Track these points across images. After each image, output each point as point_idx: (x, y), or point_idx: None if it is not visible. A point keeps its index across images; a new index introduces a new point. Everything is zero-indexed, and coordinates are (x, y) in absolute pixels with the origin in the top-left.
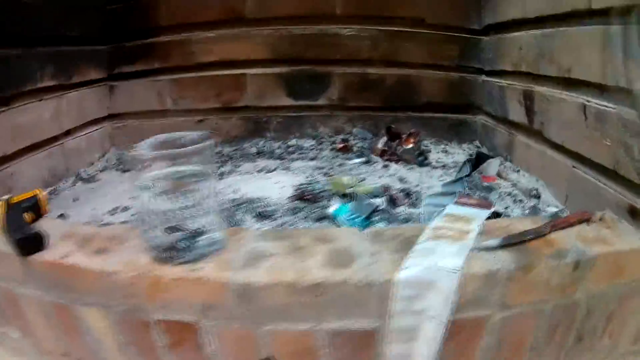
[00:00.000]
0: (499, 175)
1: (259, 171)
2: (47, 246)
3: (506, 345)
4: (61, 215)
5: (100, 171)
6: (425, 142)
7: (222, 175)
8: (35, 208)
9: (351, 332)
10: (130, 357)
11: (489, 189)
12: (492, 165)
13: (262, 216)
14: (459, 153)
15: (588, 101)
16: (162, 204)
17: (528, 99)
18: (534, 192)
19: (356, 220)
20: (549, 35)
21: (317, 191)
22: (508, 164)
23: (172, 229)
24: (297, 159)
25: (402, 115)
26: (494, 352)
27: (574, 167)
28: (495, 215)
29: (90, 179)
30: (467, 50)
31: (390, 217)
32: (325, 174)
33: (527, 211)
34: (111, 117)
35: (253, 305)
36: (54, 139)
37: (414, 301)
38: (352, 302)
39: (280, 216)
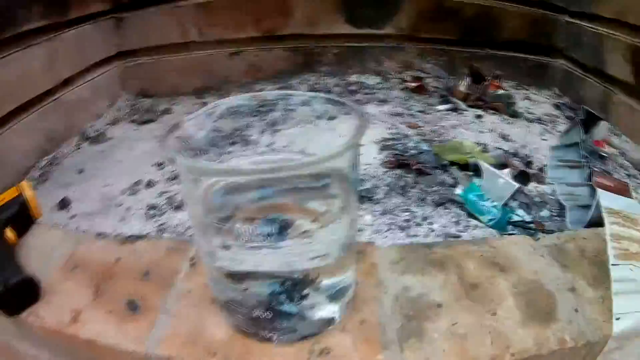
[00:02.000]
0: (604, 140)
1: (319, 117)
2: (41, 295)
3: None
4: (62, 203)
5: (112, 124)
6: (505, 85)
7: (272, 125)
8: (22, 216)
9: None
10: None
11: (602, 158)
12: (602, 128)
13: (359, 197)
14: (544, 102)
15: None
16: (251, 237)
17: (637, 55)
18: None
19: (492, 208)
20: None
21: (415, 152)
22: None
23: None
24: (365, 102)
25: (480, 52)
26: None
27: None
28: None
29: (98, 138)
30: None
31: (528, 201)
32: (407, 124)
33: None
34: (121, 55)
35: None
36: (48, 92)
37: (612, 353)
38: None
39: (385, 197)
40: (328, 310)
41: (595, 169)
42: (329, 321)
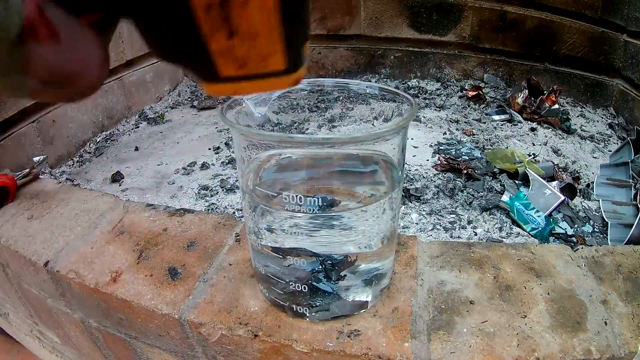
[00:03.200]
0: None
1: (376, 118)
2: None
3: None
4: (115, 176)
5: (172, 108)
6: (561, 101)
7: (331, 122)
8: None
9: None
10: None
11: None
12: None
13: (407, 195)
14: (598, 121)
15: None
16: (297, 217)
17: None
18: None
19: (537, 217)
20: None
21: (467, 158)
22: None
23: (313, 259)
24: (423, 106)
25: (538, 66)
26: None
27: None
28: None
29: (157, 120)
30: (611, 1)
31: (572, 214)
32: (462, 130)
33: None
34: None
35: None
36: (110, 72)
37: None
38: None
39: (434, 197)
40: (362, 293)
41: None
42: (362, 305)
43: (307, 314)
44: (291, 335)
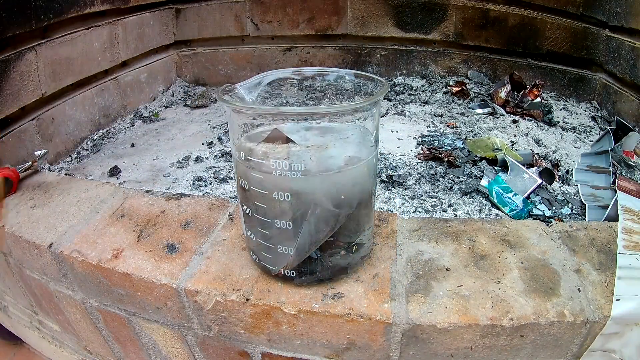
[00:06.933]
0: (634, 151)
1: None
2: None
3: None
4: (113, 171)
5: (165, 107)
6: (544, 95)
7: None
8: None
9: None
10: None
11: (629, 167)
12: (632, 139)
13: (391, 181)
14: (581, 114)
15: None
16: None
17: None
18: None
19: (514, 199)
20: None
21: (449, 148)
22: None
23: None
24: (408, 102)
25: (521, 62)
26: None
27: None
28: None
29: (151, 118)
30: None
31: (550, 197)
32: (446, 124)
33: None
34: (178, 44)
35: (421, 350)
36: (107, 72)
37: (611, 338)
38: (553, 342)
39: (416, 183)
40: (344, 260)
41: (608, 169)
42: (344, 269)
43: (295, 277)
44: (280, 298)
